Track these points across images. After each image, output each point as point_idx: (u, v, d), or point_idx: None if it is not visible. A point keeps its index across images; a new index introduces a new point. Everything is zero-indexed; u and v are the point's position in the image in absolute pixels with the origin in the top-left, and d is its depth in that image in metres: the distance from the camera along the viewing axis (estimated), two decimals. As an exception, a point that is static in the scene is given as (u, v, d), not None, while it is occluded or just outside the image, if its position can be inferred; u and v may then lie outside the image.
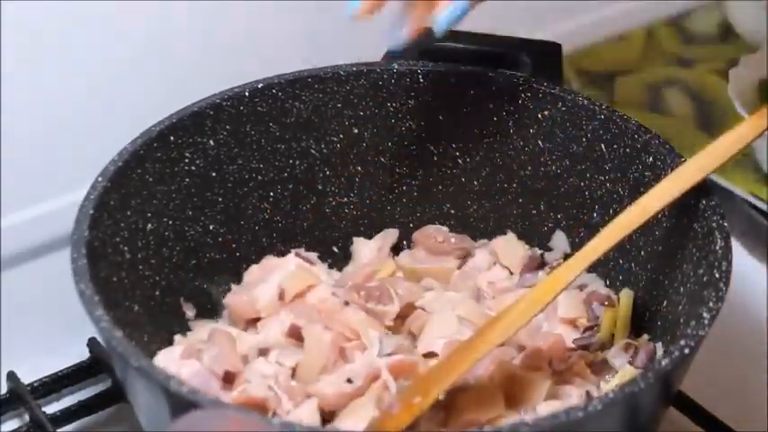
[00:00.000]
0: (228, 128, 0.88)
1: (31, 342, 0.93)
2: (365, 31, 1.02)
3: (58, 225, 0.89)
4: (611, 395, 0.65)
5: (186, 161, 0.86)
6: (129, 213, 0.82)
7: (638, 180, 0.84)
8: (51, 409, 0.90)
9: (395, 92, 0.91)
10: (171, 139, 0.85)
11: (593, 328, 0.84)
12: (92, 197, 0.79)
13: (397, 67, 0.91)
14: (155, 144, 0.84)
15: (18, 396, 0.90)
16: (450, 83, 0.90)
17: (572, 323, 0.85)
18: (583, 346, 0.83)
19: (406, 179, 0.93)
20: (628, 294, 0.85)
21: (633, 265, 0.86)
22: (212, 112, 0.87)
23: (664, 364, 0.66)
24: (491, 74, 0.90)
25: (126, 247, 0.81)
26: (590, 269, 0.84)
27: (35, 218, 0.94)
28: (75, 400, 0.90)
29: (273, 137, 0.90)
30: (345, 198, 0.93)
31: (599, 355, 0.82)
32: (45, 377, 0.91)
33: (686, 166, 0.79)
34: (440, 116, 0.91)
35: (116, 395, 0.89)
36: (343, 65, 0.90)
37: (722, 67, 1.12)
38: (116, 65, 0.94)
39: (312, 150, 0.91)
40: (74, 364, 0.92)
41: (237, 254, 0.90)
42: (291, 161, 0.91)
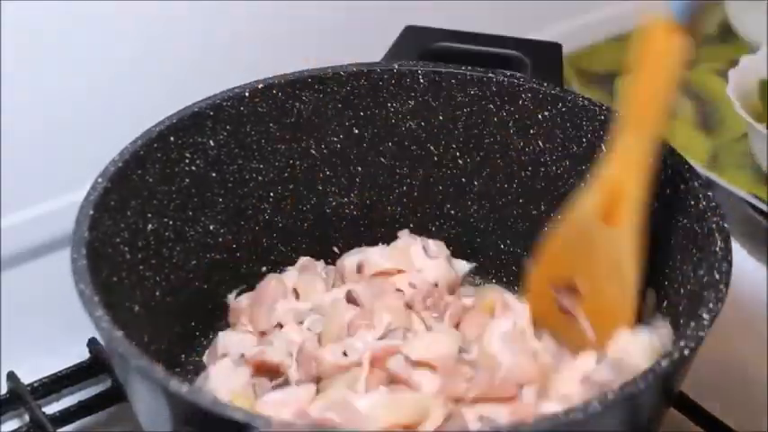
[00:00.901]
0: (229, 128, 0.88)
1: (31, 342, 0.93)
2: (365, 31, 1.03)
3: (58, 225, 0.89)
4: (610, 396, 0.65)
5: (186, 161, 0.86)
6: (129, 214, 0.82)
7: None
8: (51, 409, 0.90)
9: (395, 92, 0.91)
10: (171, 139, 0.85)
11: None
12: (92, 198, 0.78)
13: (397, 67, 0.91)
14: (155, 144, 0.84)
15: (18, 396, 0.90)
16: (451, 83, 0.90)
17: None
18: None
19: (407, 179, 0.93)
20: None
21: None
22: (212, 113, 0.87)
23: (664, 365, 0.66)
24: (491, 74, 0.90)
25: (126, 248, 0.81)
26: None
27: (35, 218, 0.94)
28: (75, 401, 0.90)
29: (274, 137, 0.90)
30: (346, 198, 0.93)
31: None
32: (45, 377, 0.91)
33: None
34: (440, 116, 0.91)
35: (116, 395, 0.89)
36: (343, 65, 0.90)
37: (722, 67, 1.12)
38: (116, 65, 0.94)
39: (312, 151, 0.91)
40: (74, 364, 0.92)
41: (238, 254, 0.90)
42: (292, 161, 0.91)
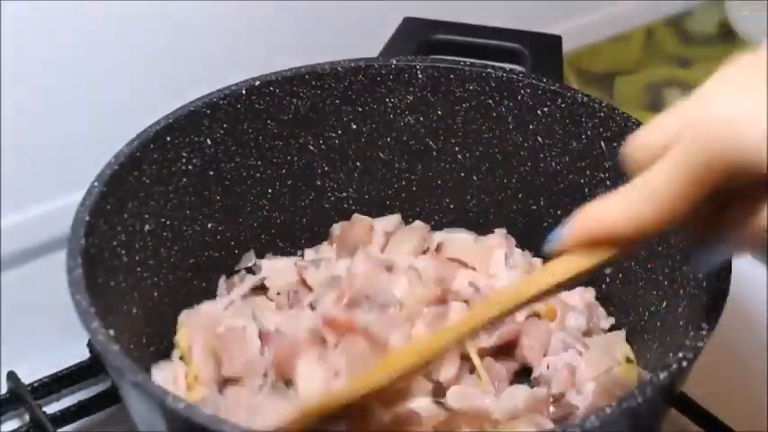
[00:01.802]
0: (226, 126, 0.87)
1: (31, 342, 0.93)
2: (363, 22, 1.02)
3: (58, 225, 0.88)
4: (608, 411, 0.64)
5: (183, 161, 0.86)
6: (126, 216, 0.81)
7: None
8: (51, 409, 0.90)
9: (393, 87, 0.90)
10: (167, 139, 0.84)
11: None
12: (88, 202, 0.77)
13: (395, 62, 0.90)
14: (151, 145, 0.83)
15: (18, 396, 0.90)
16: (449, 78, 0.90)
17: None
18: None
19: (405, 174, 0.93)
20: None
21: (631, 262, 0.86)
22: (209, 111, 0.86)
23: (662, 377, 0.66)
24: (490, 69, 0.89)
25: (123, 251, 0.81)
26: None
27: (35, 218, 0.94)
28: (75, 400, 0.91)
29: (271, 134, 0.89)
30: (344, 193, 0.93)
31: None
32: (45, 377, 0.91)
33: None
34: (439, 111, 0.91)
35: (116, 395, 0.88)
36: (340, 61, 0.90)
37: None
38: (116, 65, 0.94)
39: (310, 147, 0.91)
40: (74, 364, 0.92)
41: (236, 251, 0.90)
42: (290, 158, 0.90)
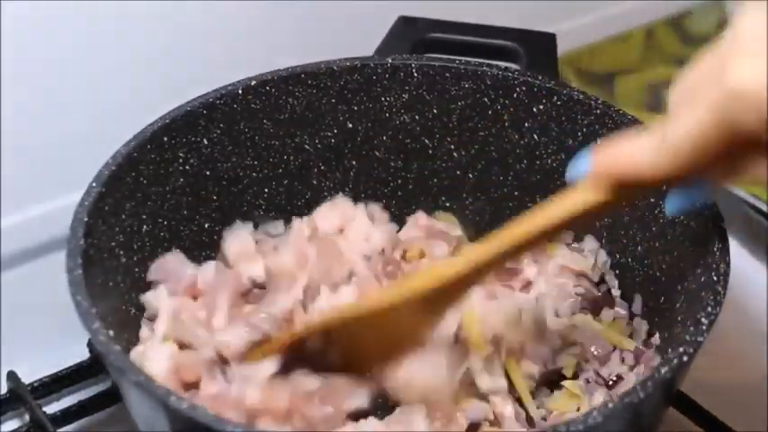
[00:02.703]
0: (222, 126, 0.87)
1: (31, 342, 0.93)
2: (358, 21, 1.02)
3: (57, 225, 0.88)
4: (610, 406, 0.65)
5: (180, 161, 0.86)
6: (124, 217, 0.82)
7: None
8: (51, 409, 0.90)
9: (389, 86, 0.90)
10: (164, 139, 0.85)
11: None
12: (86, 203, 0.78)
13: (390, 61, 0.90)
14: (148, 146, 0.83)
15: (18, 396, 0.90)
16: (445, 77, 0.90)
17: None
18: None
19: (402, 173, 0.93)
20: None
21: (630, 260, 0.86)
22: (205, 111, 0.86)
23: (663, 372, 0.66)
24: (485, 68, 0.89)
25: (121, 251, 0.81)
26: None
27: (35, 218, 0.94)
28: (75, 400, 0.91)
29: (267, 133, 0.90)
30: (341, 192, 0.93)
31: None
32: (45, 377, 0.91)
33: None
34: (434, 109, 0.91)
35: (116, 395, 0.89)
36: (336, 60, 0.90)
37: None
38: (116, 65, 0.94)
39: (306, 146, 0.91)
40: (74, 364, 0.92)
41: (234, 251, 0.91)
42: (286, 157, 0.91)
